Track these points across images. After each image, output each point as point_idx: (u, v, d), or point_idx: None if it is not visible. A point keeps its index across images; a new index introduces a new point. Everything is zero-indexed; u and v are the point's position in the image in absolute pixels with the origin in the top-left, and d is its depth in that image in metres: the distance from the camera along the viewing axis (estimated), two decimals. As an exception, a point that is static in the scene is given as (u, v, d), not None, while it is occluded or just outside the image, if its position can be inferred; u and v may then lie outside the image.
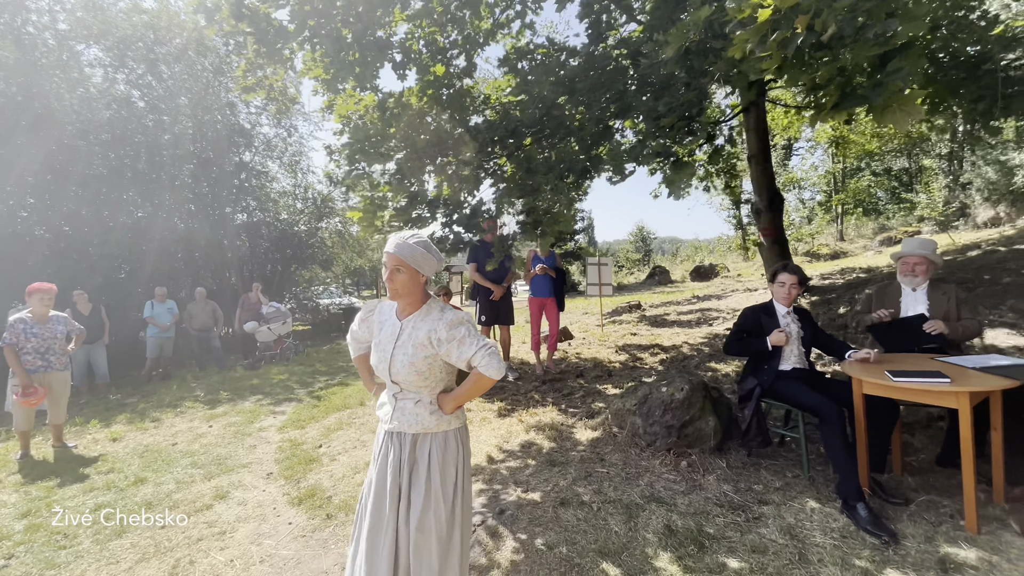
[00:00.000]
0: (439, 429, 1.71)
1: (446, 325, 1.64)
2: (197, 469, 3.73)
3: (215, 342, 8.15)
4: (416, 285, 1.68)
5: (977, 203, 17.22)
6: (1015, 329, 4.34)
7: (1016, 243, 6.35)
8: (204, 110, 9.95)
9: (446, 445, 1.71)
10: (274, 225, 12.09)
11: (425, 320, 1.69)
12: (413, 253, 1.63)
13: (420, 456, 1.69)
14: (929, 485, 2.72)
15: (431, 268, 1.67)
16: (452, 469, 1.70)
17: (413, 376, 1.66)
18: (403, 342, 1.69)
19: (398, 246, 1.63)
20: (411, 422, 1.69)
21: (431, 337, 1.65)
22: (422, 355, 1.66)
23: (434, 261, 1.67)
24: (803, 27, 1.88)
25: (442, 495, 1.66)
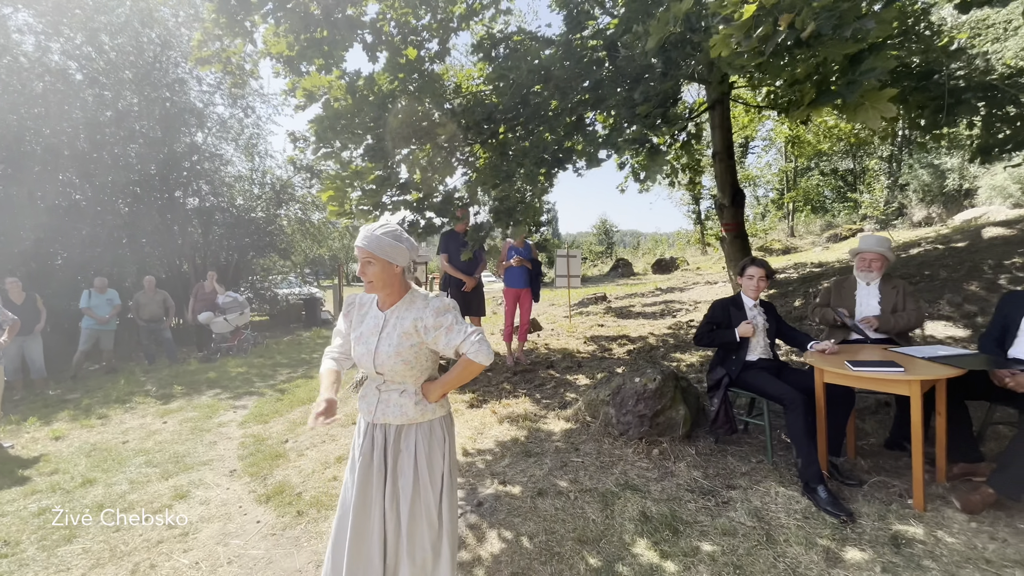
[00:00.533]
0: (424, 419, 1.71)
1: (433, 312, 1.64)
2: (153, 468, 3.54)
3: (166, 334, 7.72)
4: (391, 276, 1.66)
5: (913, 203, 18.46)
6: (951, 321, 4.69)
7: (952, 241, 6.85)
8: (151, 86, 9.29)
9: (432, 434, 1.72)
10: (229, 211, 11.50)
11: (410, 309, 1.68)
12: (381, 244, 1.60)
13: (406, 446, 1.69)
14: (879, 467, 2.91)
15: (403, 257, 1.65)
16: (439, 457, 1.71)
17: (400, 365, 1.65)
18: (388, 332, 1.67)
19: (366, 239, 1.61)
20: (396, 414, 1.69)
21: (417, 325, 1.64)
22: (408, 344, 1.65)
23: (404, 249, 1.65)
24: (786, 24, 1.93)
25: (430, 482, 1.67)
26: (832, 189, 24.93)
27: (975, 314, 4.63)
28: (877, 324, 3.12)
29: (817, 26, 2.03)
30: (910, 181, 19.00)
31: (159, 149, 9.65)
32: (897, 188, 19.83)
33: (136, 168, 9.52)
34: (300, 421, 4.40)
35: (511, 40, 4.30)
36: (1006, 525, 2.26)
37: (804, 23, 2.01)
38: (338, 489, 3.02)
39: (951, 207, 16.76)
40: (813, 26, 2.00)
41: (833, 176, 24.84)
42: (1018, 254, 5.32)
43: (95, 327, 6.99)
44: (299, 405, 4.92)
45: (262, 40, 4.18)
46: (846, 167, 24.13)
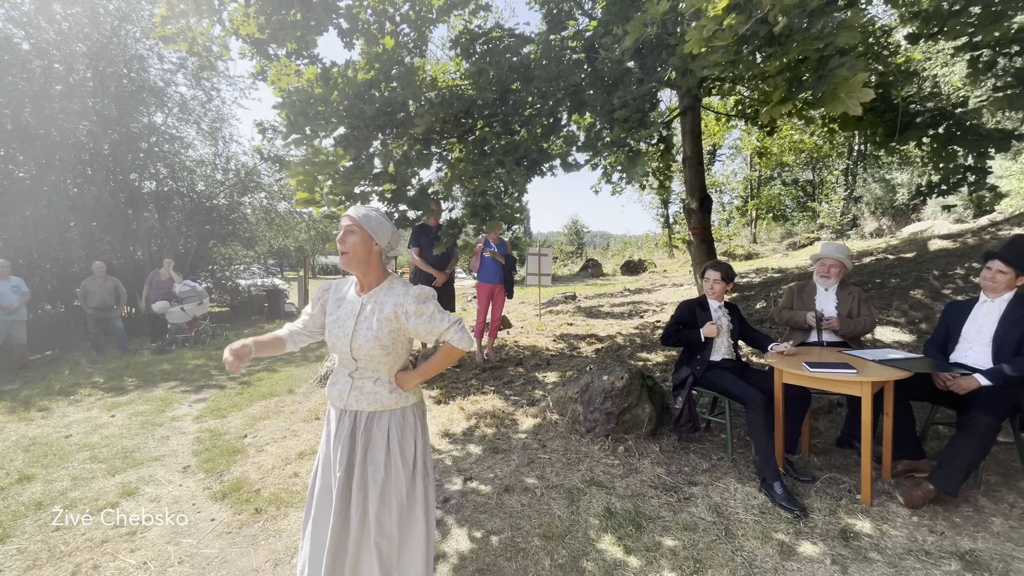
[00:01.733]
0: (397, 406, 1.71)
1: (414, 299, 1.64)
2: (98, 464, 3.35)
3: (116, 323, 7.32)
4: (368, 252, 1.66)
5: (865, 215, 19.44)
6: (898, 327, 4.96)
7: (901, 252, 7.24)
8: (107, 61, 8.78)
9: (404, 420, 1.72)
10: (189, 196, 11.01)
11: (389, 294, 1.68)
12: (368, 216, 1.64)
13: (379, 432, 1.69)
14: (831, 464, 3.04)
15: (384, 235, 1.66)
16: (411, 442, 1.72)
17: (377, 351, 1.64)
18: (366, 317, 1.66)
19: (352, 212, 1.66)
20: (369, 400, 1.69)
21: (398, 311, 1.64)
22: (387, 329, 1.64)
23: (388, 228, 1.68)
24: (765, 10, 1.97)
25: (402, 466, 1.67)
26: (793, 199, 25.98)
27: (920, 320, 4.91)
28: (838, 326, 3.27)
29: (788, 21, 2.10)
30: (864, 194, 20.01)
31: (113, 128, 9.14)
32: (852, 200, 20.86)
33: (87, 147, 8.99)
34: (261, 416, 4.26)
35: (490, 36, 4.27)
36: (944, 519, 2.40)
37: (776, 18, 2.08)
38: (299, 486, 2.94)
39: (900, 220, 17.73)
40: (785, 21, 2.06)
41: (794, 186, 25.88)
42: (960, 266, 5.68)
43: (3, 319, 6.24)
44: (260, 399, 4.76)
45: (229, 19, 4.01)
46: (806, 178, 25.17)
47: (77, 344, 8.05)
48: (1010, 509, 2.49)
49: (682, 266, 17.44)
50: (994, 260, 2.75)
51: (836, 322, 3.28)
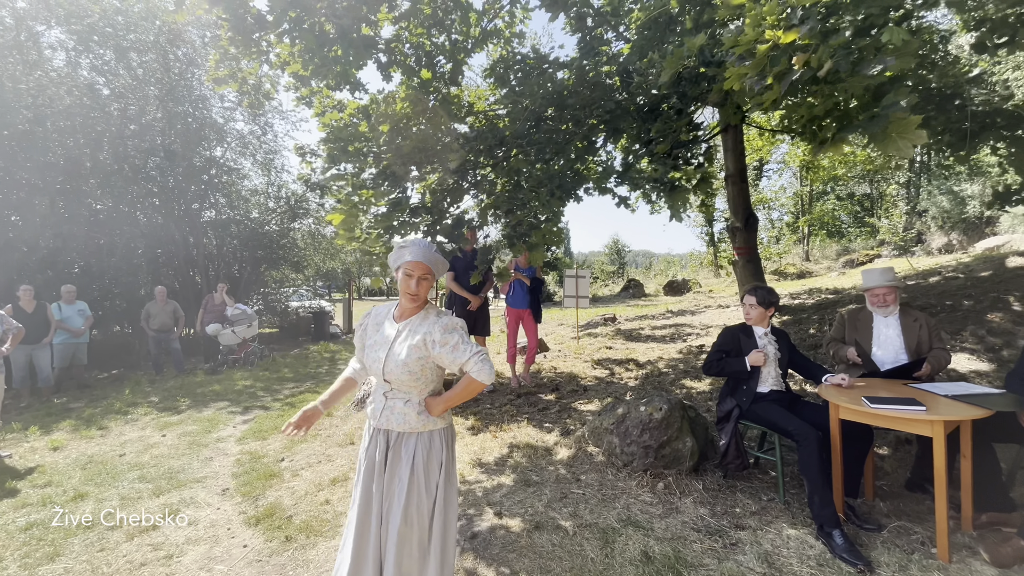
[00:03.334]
0: (424, 429, 1.76)
1: (441, 329, 1.69)
2: (145, 484, 3.48)
3: (175, 344, 7.75)
4: (429, 290, 1.76)
5: (932, 230, 18.11)
6: (974, 354, 4.49)
7: (974, 271, 6.63)
8: (174, 101, 9.55)
9: (431, 444, 1.76)
10: (244, 223, 11.67)
11: (422, 324, 1.74)
12: (436, 260, 1.72)
13: (404, 453, 1.73)
14: (900, 510, 2.74)
15: (443, 272, 1.79)
16: (435, 466, 1.75)
17: (405, 376, 1.70)
18: (399, 343, 1.73)
19: (425, 255, 1.68)
20: (399, 421, 1.75)
21: (426, 339, 1.69)
22: (415, 356, 1.69)
23: (444, 263, 1.79)
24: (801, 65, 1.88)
25: (424, 490, 1.70)
26: (848, 214, 24.63)
27: (1000, 347, 4.42)
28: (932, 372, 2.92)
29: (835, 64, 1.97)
30: (929, 207, 18.69)
31: (178, 162, 9.87)
32: (915, 214, 19.52)
33: (156, 180, 9.73)
34: (298, 439, 4.32)
35: (525, 63, 4.31)
36: (1040, 583, 2.08)
37: (821, 61, 1.96)
38: (329, 514, 2.93)
39: (972, 235, 16.41)
40: (830, 64, 1.94)
41: (849, 201, 24.56)
42: (1045, 286, 5.12)
43: (70, 341, 6.53)
44: (299, 422, 4.85)
45: (276, 58, 4.25)
46: (862, 192, 23.85)
47: (140, 364, 8.57)
48: (1124, 574, 2.13)
49: (729, 286, 16.77)
50: None
51: (929, 370, 2.91)
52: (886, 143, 2.18)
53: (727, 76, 2.34)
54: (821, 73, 1.94)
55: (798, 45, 1.95)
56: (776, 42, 1.90)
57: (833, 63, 1.95)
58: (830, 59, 1.92)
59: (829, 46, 1.97)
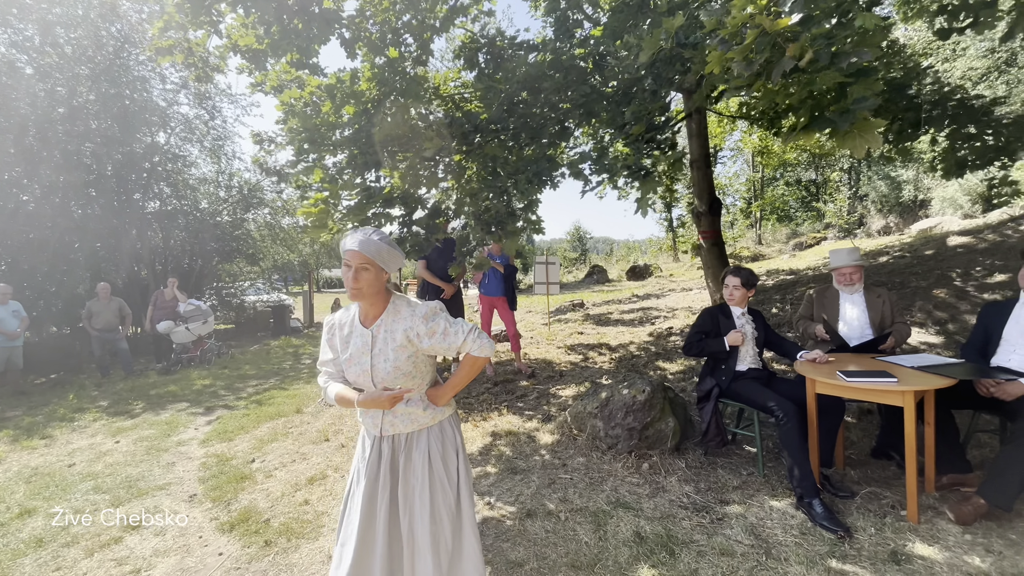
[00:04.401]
0: (434, 421, 1.70)
1: (422, 319, 1.57)
2: (101, 494, 3.22)
3: (122, 344, 7.23)
4: (380, 284, 1.58)
5: (872, 213, 19.27)
6: (923, 328, 4.80)
7: (918, 250, 7.08)
8: (109, 82, 8.80)
9: (443, 433, 1.70)
10: (193, 214, 10.98)
11: (397, 319, 1.60)
12: (379, 250, 1.52)
13: (419, 451, 1.66)
14: (868, 477, 2.89)
15: (395, 264, 1.59)
16: (452, 454, 1.70)
17: (401, 379, 1.59)
18: (380, 349, 1.59)
19: (362, 243, 1.50)
20: (405, 423, 1.66)
21: (409, 335, 1.57)
22: (404, 356, 1.59)
23: (399, 257, 1.60)
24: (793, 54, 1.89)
25: (447, 481, 1.66)
26: (797, 199, 25.81)
27: (946, 321, 4.74)
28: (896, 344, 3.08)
29: (815, 54, 2.00)
30: (869, 192, 19.86)
31: (116, 149, 9.14)
32: (857, 199, 20.70)
33: (91, 168, 8.98)
34: (268, 438, 4.13)
35: (494, 45, 4.19)
36: (999, 537, 2.24)
37: (803, 50, 1.98)
38: (310, 514, 2.81)
39: (907, 217, 17.55)
40: (811, 54, 1.96)
41: (797, 186, 25.73)
42: (982, 263, 5.52)
43: (5, 344, 6.08)
44: (267, 420, 4.64)
45: (227, 32, 3.95)
46: (809, 178, 25.02)
47: (82, 367, 7.97)
48: (1069, 523, 2.32)
49: (688, 270, 17.28)
50: None
51: (892, 342, 3.07)
52: (847, 138, 2.25)
53: (708, 60, 2.33)
54: (803, 63, 1.96)
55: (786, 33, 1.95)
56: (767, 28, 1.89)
57: (814, 53, 1.97)
58: (811, 49, 1.94)
59: (812, 35, 1.99)
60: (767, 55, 2.05)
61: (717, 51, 2.26)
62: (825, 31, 2.06)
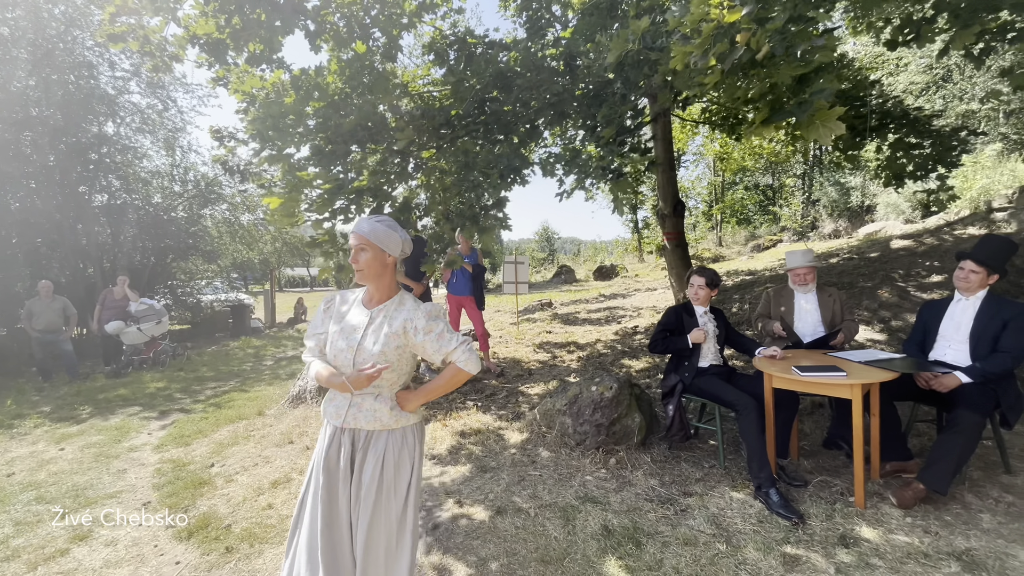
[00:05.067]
0: (397, 425, 1.65)
1: (425, 315, 1.60)
2: (45, 504, 3.04)
3: (65, 346, 6.80)
4: (383, 266, 1.62)
5: (823, 217, 20.26)
6: (869, 325, 5.10)
7: (864, 252, 7.50)
8: (52, 68, 8.26)
9: (403, 441, 1.65)
10: (144, 209, 10.44)
11: (400, 310, 1.64)
12: (374, 229, 1.59)
13: (373, 452, 1.62)
14: (820, 466, 3.05)
15: (396, 246, 1.62)
16: (407, 465, 1.65)
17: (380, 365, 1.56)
18: (374, 330, 1.61)
19: (358, 224, 1.62)
20: (368, 419, 1.62)
21: (407, 326, 1.59)
22: (394, 344, 1.60)
23: (398, 238, 1.62)
24: (743, 42, 1.97)
25: (394, 491, 1.60)
26: (755, 203, 26.87)
27: (889, 319, 5.05)
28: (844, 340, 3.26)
29: (771, 47, 2.10)
30: (821, 197, 20.87)
31: (59, 138, 8.59)
32: (810, 203, 21.71)
33: (31, 159, 8.41)
34: (229, 442, 3.99)
35: (465, 42, 4.18)
36: (936, 519, 2.41)
37: (759, 43, 2.07)
38: (274, 519, 2.73)
39: (855, 221, 18.53)
40: (768, 47, 2.06)
41: (755, 191, 26.79)
42: (922, 265, 5.91)
43: None
44: (227, 424, 4.47)
45: (185, 21, 3.78)
46: (766, 183, 26.09)
47: (21, 370, 7.45)
48: (996, 504, 2.53)
49: (653, 271, 17.72)
50: (967, 260, 2.81)
51: (842, 338, 3.26)
52: (810, 129, 2.37)
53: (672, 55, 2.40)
54: (759, 56, 2.06)
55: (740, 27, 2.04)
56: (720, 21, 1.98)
57: (770, 47, 2.07)
58: (768, 42, 2.03)
59: (766, 30, 2.09)
60: (723, 47, 2.13)
61: (680, 47, 2.34)
62: (779, 26, 2.15)
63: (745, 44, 2.02)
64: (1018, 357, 2.57)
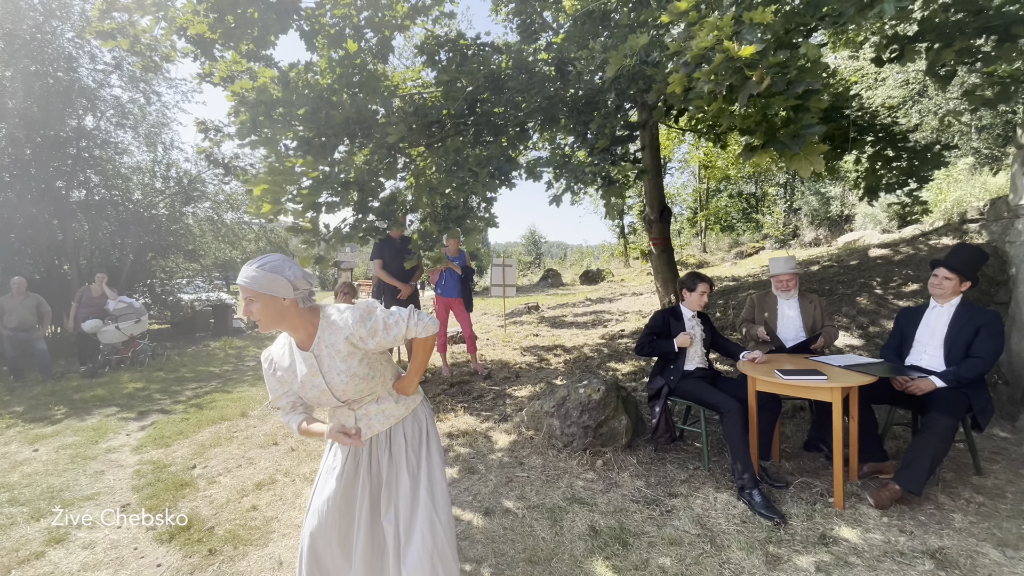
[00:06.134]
0: (408, 411, 1.73)
1: (357, 321, 1.53)
2: (19, 507, 2.95)
3: (39, 344, 6.61)
4: (279, 311, 1.49)
5: (804, 225, 20.71)
6: (848, 331, 5.23)
7: (844, 260, 7.70)
8: (30, 59, 8.06)
9: (415, 420, 1.75)
10: (124, 206, 10.21)
11: (334, 332, 1.54)
12: (257, 280, 1.44)
13: (396, 442, 1.69)
14: (801, 468, 3.12)
15: (284, 289, 1.47)
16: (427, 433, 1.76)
17: (361, 384, 1.59)
18: (328, 365, 1.55)
19: (243, 277, 1.45)
20: (381, 421, 1.68)
21: (352, 340, 1.53)
22: (355, 361, 1.57)
23: (285, 281, 1.47)
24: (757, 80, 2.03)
25: (437, 452, 1.75)
26: (738, 210, 27.35)
27: (867, 325, 5.19)
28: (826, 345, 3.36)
29: (772, 81, 2.17)
30: (802, 206, 21.33)
31: (36, 131, 8.37)
32: (792, 212, 22.18)
33: (6, 151, 8.18)
34: (211, 443, 3.92)
35: (457, 44, 4.20)
36: (911, 518, 2.49)
37: (763, 77, 2.14)
38: (258, 520, 2.70)
39: (834, 230, 18.98)
40: (769, 80, 2.13)
41: (739, 198, 27.28)
42: (898, 273, 6.09)
43: None
44: (209, 425, 4.40)
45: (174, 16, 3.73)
46: (749, 191, 26.59)
47: (-9, 369, 7.21)
48: (967, 505, 2.62)
49: (638, 275, 17.89)
50: (940, 267, 2.92)
51: (822, 342, 3.35)
52: (795, 160, 2.45)
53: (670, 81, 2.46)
54: (761, 88, 2.12)
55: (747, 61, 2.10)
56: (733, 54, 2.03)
57: (771, 80, 2.14)
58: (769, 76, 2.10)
59: (768, 63, 2.16)
60: (731, 79, 2.19)
61: (680, 73, 2.40)
62: (780, 61, 2.24)
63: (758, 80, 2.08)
64: (989, 362, 2.67)
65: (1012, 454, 3.21)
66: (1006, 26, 2.65)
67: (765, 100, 2.30)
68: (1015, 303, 4.06)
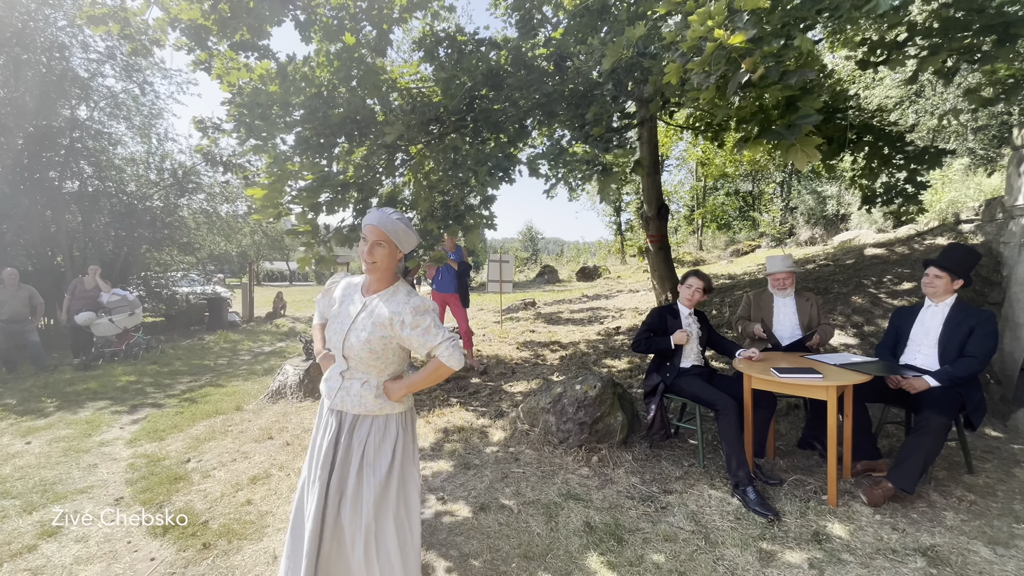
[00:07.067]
0: (380, 412, 1.69)
1: (412, 310, 1.60)
2: (10, 500, 2.93)
3: (31, 336, 6.54)
4: (393, 261, 1.66)
5: (800, 224, 20.78)
6: (842, 329, 5.25)
7: (840, 259, 7.73)
8: (22, 47, 7.95)
9: (385, 429, 1.69)
10: (118, 197, 10.11)
11: (390, 301, 1.65)
12: (396, 227, 1.60)
13: (357, 437, 1.67)
14: (795, 466, 3.14)
15: (409, 245, 1.66)
16: (388, 452, 1.67)
17: (366, 354, 1.61)
18: (363, 318, 1.63)
19: (380, 219, 1.59)
20: (354, 403, 1.67)
21: (394, 319, 1.60)
22: (379, 334, 1.62)
23: (413, 238, 1.67)
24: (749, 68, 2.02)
25: (373, 475, 1.63)
26: (735, 208, 27.41)
27: (862, 324, 5.22)
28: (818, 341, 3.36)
29: (767, 71, 2.16)
30: (798, 204, 21.39)
31: (29, 121, 8.26)
32: (788, 210, 22.24)
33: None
34: (205, 437, 3.90)
35: (455, 40, 4.16)
36: (903, 516, 2.51)
37: (756, 66, 2.13)
38: (253, 515, 2.69)
39: (830, 229, 19.05)
40: (763, 69, 2.12)
41: (736, 197, 27.33)
42: (893, 273, 6.12)
43: None
44: (204, 418, 4.38)
45: (166, 4, 3.68)
46: (746, 189, 26.63)
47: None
48: (959, 503, 2.64)
49: (635, 272, 17.91)
50: (931, 266, 2.93)
51: (818, 339, 3.36)
52: (791, 152, 2.45)
53: (666, 71, 2.45)
54: (754, 78, 2.11)
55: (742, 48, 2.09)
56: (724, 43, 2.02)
57: (765, 70, 2.13)
58: (763, 65, 2.09)
59: (763, 52, 2.15)
60: (723, 67, 2.18)
61: (676, 63, 2.38)
62: (775, 50, 2.23)
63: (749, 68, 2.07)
64: (983, 361, 2.69)
65: (1003, 453, 3.25)
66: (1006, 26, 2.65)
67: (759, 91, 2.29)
68: (1008, 303, 4.09)
